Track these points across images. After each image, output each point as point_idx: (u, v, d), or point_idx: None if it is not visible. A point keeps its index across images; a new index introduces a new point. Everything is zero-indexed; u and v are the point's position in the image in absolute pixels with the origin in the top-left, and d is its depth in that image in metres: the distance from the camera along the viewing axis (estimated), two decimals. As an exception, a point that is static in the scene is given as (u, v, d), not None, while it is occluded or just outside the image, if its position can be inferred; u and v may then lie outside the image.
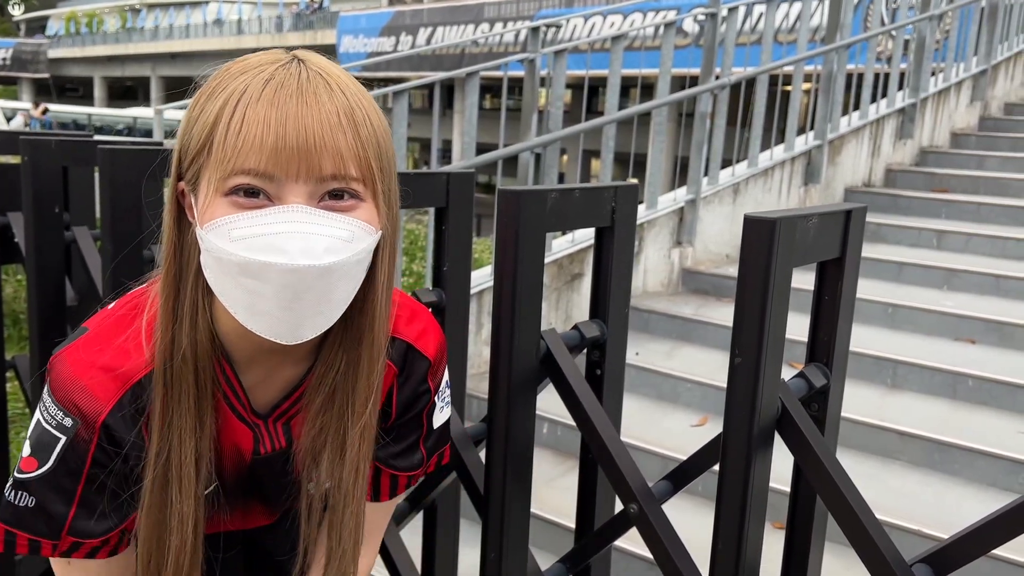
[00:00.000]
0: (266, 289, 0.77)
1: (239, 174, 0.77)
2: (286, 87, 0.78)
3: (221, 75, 0.82)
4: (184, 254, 0.85)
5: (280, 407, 0.94)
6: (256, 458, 0.94)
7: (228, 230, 0.77)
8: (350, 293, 0.83)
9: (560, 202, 1.12)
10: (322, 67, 0.81)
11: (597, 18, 16.50)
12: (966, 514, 2.72)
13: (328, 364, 0.90)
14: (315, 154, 0.77)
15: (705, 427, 3.33)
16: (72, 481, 0.85)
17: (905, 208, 5.24)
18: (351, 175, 0.79)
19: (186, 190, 0.83)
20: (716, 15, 4.49)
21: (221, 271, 0.79)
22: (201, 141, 0.79)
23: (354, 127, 0.79)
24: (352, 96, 0.81)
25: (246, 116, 0.76)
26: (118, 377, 0.85)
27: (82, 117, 25.13)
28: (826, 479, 0.95)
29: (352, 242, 0.79)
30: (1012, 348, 3.64)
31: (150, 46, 36.12)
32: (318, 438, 0.92)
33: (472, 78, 3.66)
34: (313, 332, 0.82)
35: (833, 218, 0.99)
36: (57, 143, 1.77)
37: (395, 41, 23.66)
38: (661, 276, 4.42)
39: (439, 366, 1.03)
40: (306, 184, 0.78)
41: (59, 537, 0.86)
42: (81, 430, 0.84)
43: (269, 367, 0.92)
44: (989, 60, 6.67)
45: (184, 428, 0.85)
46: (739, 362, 0.91)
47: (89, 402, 0.84)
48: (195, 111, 0.81)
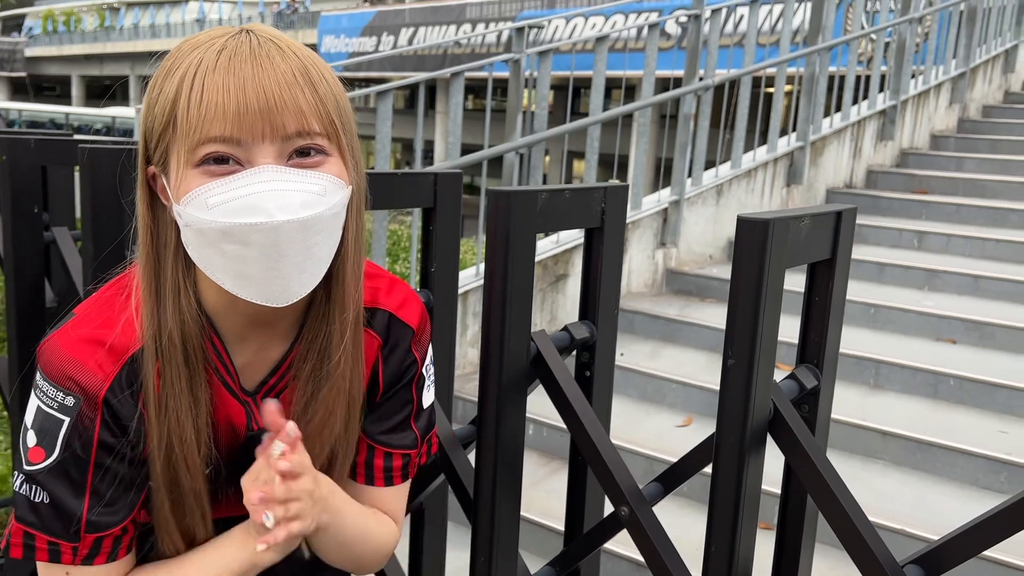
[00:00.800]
0: (250, 252, 0.78)
1: (206, 143, 0.78)
2: (239, 54, 0.79)
3: (174, 54, 0.83)
4: (160, 237, 0.86)
5: (267, 383, 0.95)
6: (250, 434, 0.94)
7: (204, 199, 0.79)
8: (331, 248, 0.84)
9: (550, 203, 1.12)
10: (272, 34, 0.83)
11: (579, 19, 16.53)
12: (947, 513, 2.74)
13: (312, 334, 0.91)
14: (277, 113, 0.79)
15: (690, 427, 3.34)
16: (81, 469, 0.84)
17: (886, 209, 5.28)
18: (315, 130, 0.81)
19: (156, 172, 0.84)
20: (699, 17, 4.50)
21: (203, 242, 0.80)
22: (164, 118, 0.81)
23: (311, 84, 0.81)
24: (305, 57, 0.83)
25: (205, 85, 0.78)
26: (113, 351, 0.85)
27: (59, 116, 24.86)
28: (818, 480, 0.95)
29: (325, 195, 0.81)
30: (992, 348, 3.68)
31: (129, 45, 35.80)
32: (308, 405, 0.92)
33: (457, 78, 3.65)
34: (300, 290, 0.83)
35: (824, 219, 0.99)
36: (36, 142, 1.74)
37: (376, 41, 23.59)
38: (645, 277, 4.43)
39: (423, 335, 1.02)
40: (272, 144, 0.80)
41: (79, 538, 0.84)
42: (84, 407, 0.83)
43: (258, 345, 0.92)
44: (968, 63, 6.74)
45: (180, 408, 0.86)
46: (732, 364, 0.90)
47: (88, 377, 0.83)
48: (154, 92, 0.83)
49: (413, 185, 1.34)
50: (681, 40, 5.74)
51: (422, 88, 3.77)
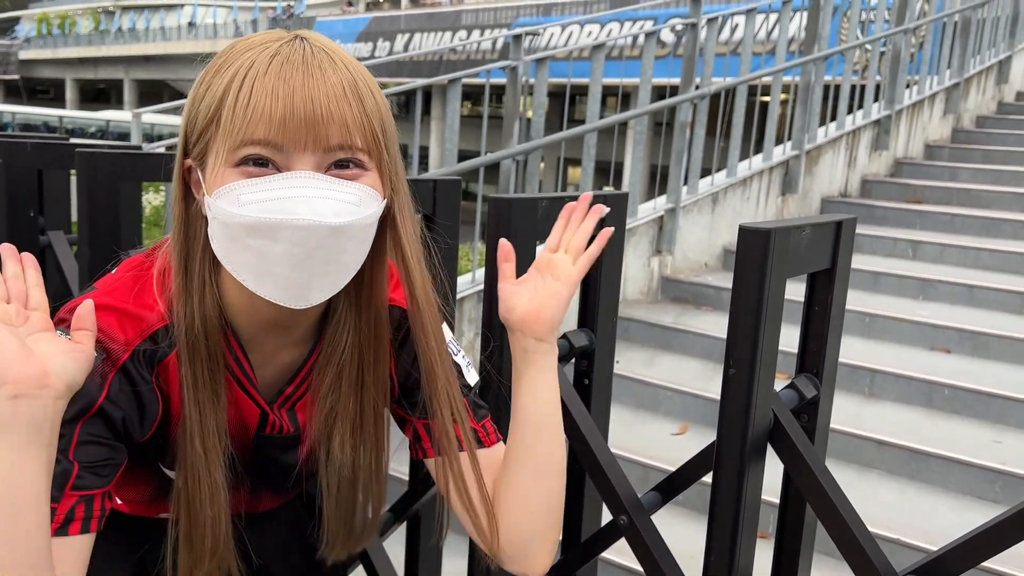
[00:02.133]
0: (275, 248, 0.78)
1: (248, 144, 0.79)
2: (292, 61, 0.80)
3: (226, 53, 0.83)
4: (192, 230, 0.86)
5: (284, 392, 0.95)
6: (261, 436, 0.94)
7: (237, 195, 0.79)
8: (358, 259, 0.84)
9: (551, 210, 1.12)
10: (324, 43, 0.84)
11: (575, 27, 16.58)
12: (942, 522, 2.74)
13: (334, 344, 0.91)
14: (322, 125, 0.79)
15: (685, 435, 3.34)
16: (70, 426, 0.81)
17: (881, 218, 5.30)
18: (357, 145, 0.81)
19: (193, 166, 0.85)
20: (696, 25, 4.52)
21: (228, 236, 0.80)
22: (209, 115, 0.81)
23: (359, 99, 0.81)
24: (355, 71, 0.83)
25: (254, 88, 0.78)
26: (139, 323, 0.85)
27: (53, 119, 24.80)
28: (818, 490, 0.95)
29: (360, 206, 0.81)
30: (987, 357, 3.68)
31: (123, 48, 35.76)
32: (329, 416, 0.93)
33: (454, 85, 3.65)
34: (321, 295, 0.83)
35: (824, 229, 0.99)
36: (33, 145, 1.74)
37: (372, 47, 23.62)
38: (641, 284, 4.43)
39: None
40: (313, 154, 0.80)
41: (60, 498, 0.80)
42: (101, 366, 0.82)
43: (273, 347, 0.92)
44: (962, 74, 6.78)
45: (204, 400, 0.86)
46: (733, 374, 0.90)
47: (112, 340, 0.84)
48: (201, 88, 0.83)
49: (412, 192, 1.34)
50: (677, 48, 5.75)
51: (419, 94, 3.77)
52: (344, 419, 0.93)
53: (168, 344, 0.86)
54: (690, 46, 4.57)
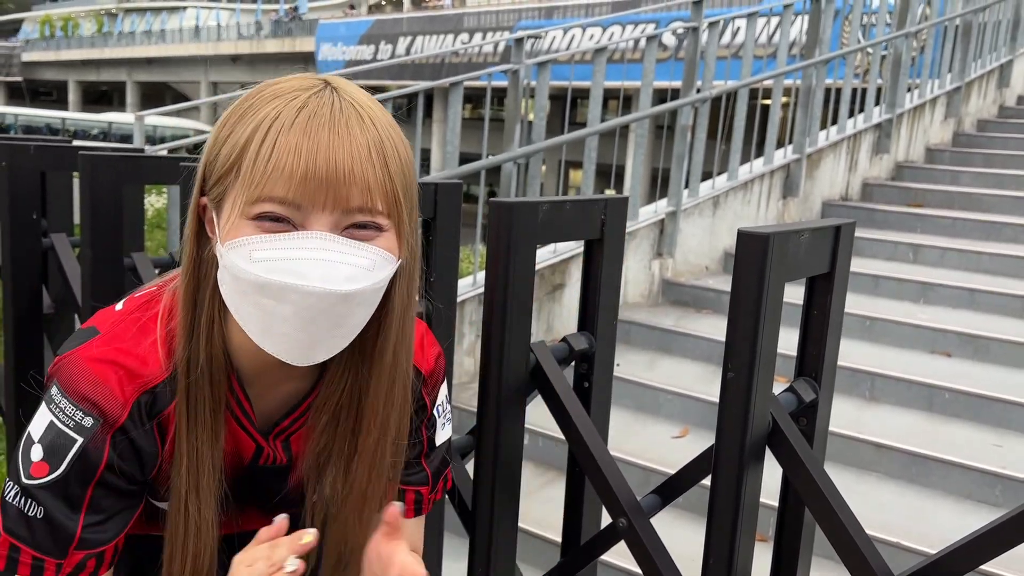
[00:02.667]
0: (283, 310, 0.77)
1: (266, 201, 0.77)
2: (319, 116, 0.78)
3: (253, 97, 0.82)
4: (202, 268, 0.85)
5: (280, 424, 0.94)
6: (254, 467, 0.94)
7: (249, 251, 0.77)
8: (365, 319, 0.83)
9: (551, 214, 1.12)
10: (354, 97, 0.81)
11: (576, 30, 16.60)
12: (943, 526, 2.74)
13: (333, 385, 0.90)
14: (344, 186, 0.77)
15: (686, 439, 3.34)
16: (82, 488, 0.83)
17: (881, 222, 5.30)
18: (377, 208, 0.80)
19: (208, 205, 0.83)
20: (697, 29, 4.53)
21: (237, 289, 0.80)
22: (230, 162, 0.79)
23: (383, 161, 0.79)
24: (383, 129, 0.81)
25: (277, 143, 0.77)
26: (136, 379, 0.84)
27: (56, 121, 24.83)
28: (816, 493, 0.95)
29: (373, 271, 0.80)
30: (987, 361, 3.68)
31: (126, 51, 35.81)
32: (322, 455, 0.92)
33: (456, 88, 3.65)
34: (327, 354, 0.82)
35: (823, 233, 1.00)
36: (36, 148, 1.74)
37: (374, 50, 23.64)
38: (641, 287, 4.44)
39: (435, 379, 1.02)
40: (331, 215, 0.78)
41: (65, 555, 0.83)
42: (99, 431, 0.82)
43: (273, 381, 0.92)
44: (963, 77, 6.78)
45: (202, 440, 0.86)
46: (732, 377, 0.91)
47: (109, 401, 0.83)
48: (224, 131, 0.81)
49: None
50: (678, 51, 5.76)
51: (420, 97, 3.78)
52: (338, 459, 0.92)
53: (169, 394, 0.85)
54: (691, 49, 4.58)
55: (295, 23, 30.21)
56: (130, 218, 1.60)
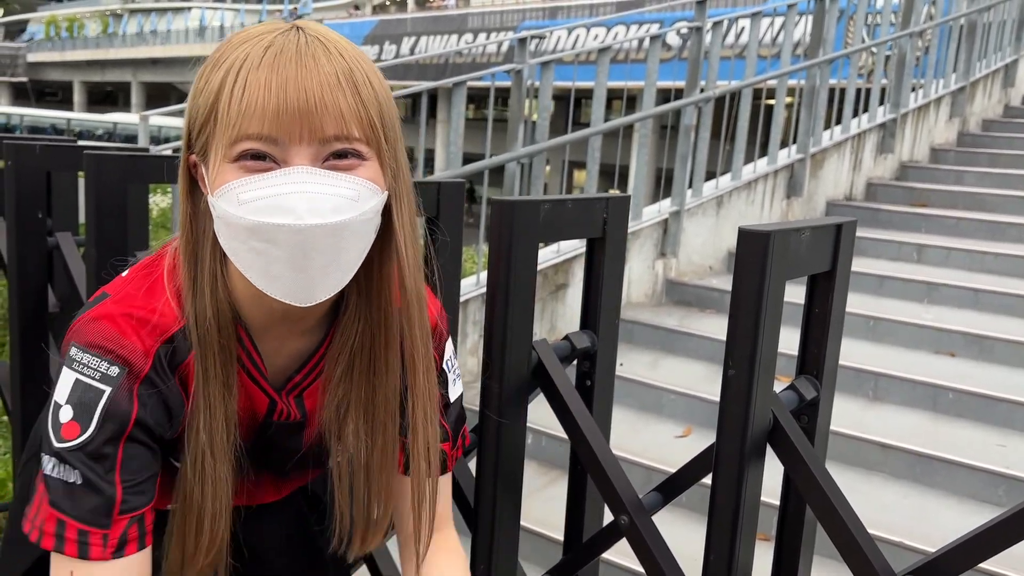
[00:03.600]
0: (276, 251, 0.78)
1: (243, 139, 0.78)
2: (285, 52, 0.79)
3: (224, 46, 0.83)
4: (199, 224, 0.86)
5: (293, 379, 0.95)
6: (269, 422, 0.95)
7: (236, 194, 0.79)
8: (361, 252, 0.84)
9: (552, 213, 1.13)
10: (320, 32, 0.83)
11: (581, 30, 16.60)
12: (946, 526, 2.74)
13: (346, 334, 0.91)
14: (316, 115, 0.78)
15: (689, 438, 3.34)
16: (113, 445, 0.82)
17: (886, 222, 5.29)
18: (353, 135, 0.80)
19: (197, 161, 0.85)
20: (701, 28, 4.52)
21: (232, 236, 0.81)
22: (207, 111, 0.81)
23: (354, 87, 0.80)
24: (351, 59, 0.82)
25: (247, 81, 0.78)
26: (156, 328, 0.85)
27: (61, 122, 24.90)
28: (817, 491, 0.95)
29: (358, 200, 0.81)
30: (991, 361, 3.68)
31: (131, 51, 35.89)
32: (341, 405, 0.93)
33: (459, 88, 3.66)
34: (326, 293, 0.83)
35: (824, 232, 1.00)
36: (42, 147, 1.75)
37: (379, 50, 23.66)
38: (645, 287, 4.44)
39: (439, 337, 1.03)
40: (309, 146, 0.79)
41: (110, 522, 0.82)
42: (126, 379, 0.83)
43: (283, 336, 0.92)
44: (968, 77, 6.77)
45: (214, 394, 0.86)
46: (732, 375, 0.91)
47: (132, 350, 0.83)
48: (200, 82, 0.83)
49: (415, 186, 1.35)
50: (682, 51, 5.76)
51: (424, 97, 3.78)
52: (356, 408, 0.93)
53: (186, 345, 0.86)
54: (695, 49, 4.58)
55: (299, 24, 30.19)
56: (135, 217, 1.60)
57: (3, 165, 1.77)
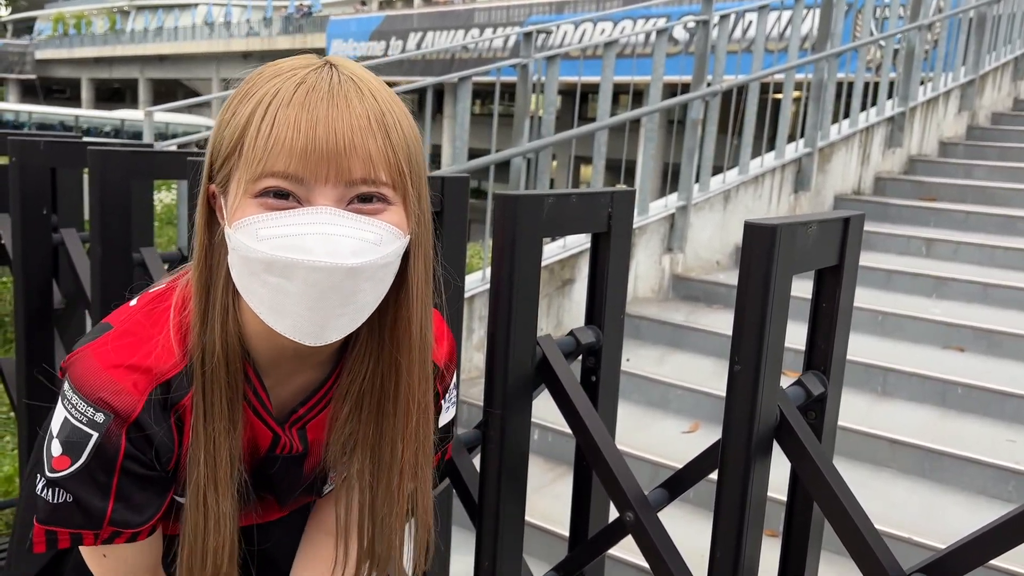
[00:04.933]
0: (291, 287, 0.77)
1: (268, 176, 0.77)
2: (317, 90, 0.77)
3: (254, 78, 0.82)
4: (214, 256, 0.85)
5: (296, 412, 0.94)
6: (270, 456, 0.94)
7: (256, 229, 0.77)
8: (377, 297, 0.83)
9: (557, 207, 1.12)
10: (354, 72, 0.81)
11: (587, 25, 16.55)
12: (956, 522, 2.72)
13: (354, 372, 0.90)
14: (345, 158, 0.77)
15: (696, 434, 3.33)
16: (107, 475, 0.84)
17: (894, 216, 5.26)
18: (381, 179, 0.79)
19: (216, 192, 0.83)
20: (708, 22, 4.50)
21: (246, 270, 0.79)
22: (232, 143, 0.80)
23: (384, 131, 0.79)
24: (383, 101, 0.80)
25: (276, 118, 0.77)
26: (148, 373, 0.84)
27: (69, 119, 24.98)
28: (824, 487, 0.94)
29: (380, 245, 0.79)
30: (1001, 356, 3.66)
31: (138, 48, 35.97)
32: (347, 444, 0.92)
33: (464, 83, 3.65)
34: (338, 334, 0.81)
35: (831, 226, 0.99)
36: (46, 144, 1.75)
37: (385, 46, 23.65)
38: (652, 282, 4.42)
39: (448, 372, 1.03)
40: (335, 188, 0.78)
41: (101, 527, 0.85)
42: (112, 426, 0.83)
43: (290, 371, 0.92)
44: (977, 70, 6.72)
45: (219, 430, 0.85)
46: (738, 370, 0.90)
47: (120, 398, 0.83)
48: (227, 114, 0.82)
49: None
50: (689, 45, 5.74)
51: (430, 92, 3.77)
52: (364, 447, 0.92)
53: (185, 384, 0.85)
54: (702, 43, 4.56)
55: (306, 19, 30.25)
56: (139, 213, 1.60)
57: (8, 162, 1.76)
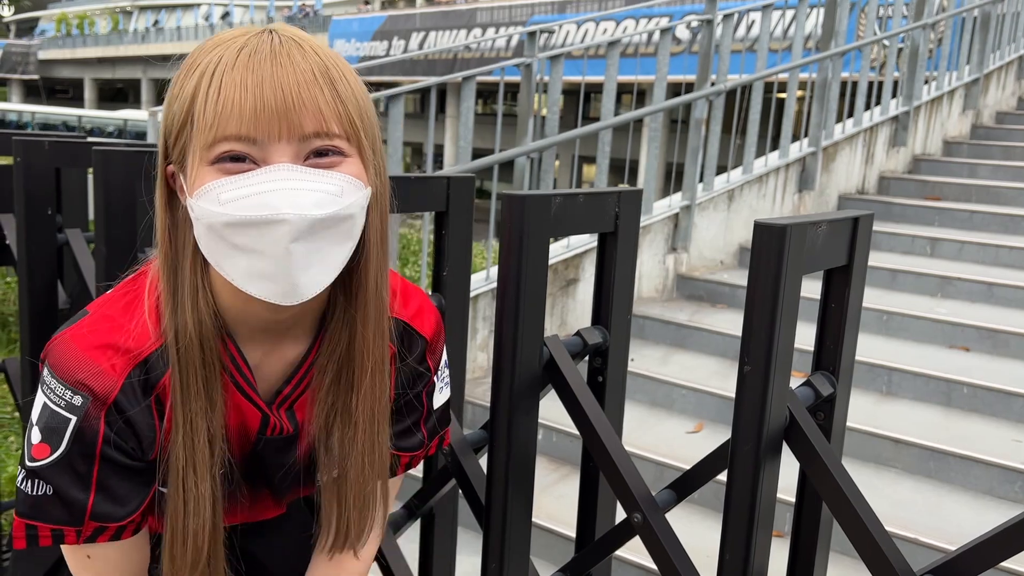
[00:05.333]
0: (260, 246, 0.77)
1: (222, 141, 0.77)
2: (259, 52, 0.78)
3: (196, 52, 0.82)
4: (178, 235, 0.85)
5: (282, 392, 0.94)
6: (261, 438, 0.94)
7: (217, 194, 0.77)
8: (345, 250, 0.82)
9: (564, 207, 1.11)
10: (294, 33, 0.82)
11: (590, 24, 16.54)
12: (961, 522, 2.72)
13: (333, 341, 0.90)
14: (295, 113, 0.77)
15: (700, 434, 3.32)
16: (87, 463, 0.83)
17: (899, 215, 5.25)
18: (333, 132, 0.79)
19: (175, 170, 0.83)
20: (712, 21, 4.50)
21: (213, 237, 0.79)
22: (183, 116, 0.80)
23: (331, 84, 0.80)
24: (326, 56, 0.81)
25: (223, 83, 0.77)
26: (126, 353, 0.84)
27: (72, 119, 25.01)
28: (834, 488, 0.94)
29: (341, 196, 0.79)
30: (1006, 356, 3.65)
31: (141, 48, 35.99)
32: (330, 414, 0.92)
33: (468, 82, 3.65)
34: (311, 291, 0.81)
35: (840, 226, 0.98)
36: (50, 144, 1.75)
37: (387, 45, 23.65)
38: (656, 282, 4.42)
39: (437, 345, 1.02)
40: (289, 144, 0.78)
41: (82, 523, 0.84)
42: (91, 408, 0.82)
43: (270, 346, 0.91)
44: (981, 69, 6.71)
45: (195, 410, 0.85)
46: (748, 371, 0.89)
47: (99, 379, 0.83)
48: (175, 90, 0.82)
49: (425, 189, 1.33)
50: (692, 45, 5.73)
51: (433, 92, 3.77)
52: (345, 416, 0.91)
53: (163, 364, 0.85)
54: (705, 43, 4.55)
55: (308, 19, 30.27)
56: (144, 213, 1.60)
57: (13, 162, 1.76)
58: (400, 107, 3.47)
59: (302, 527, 1.14)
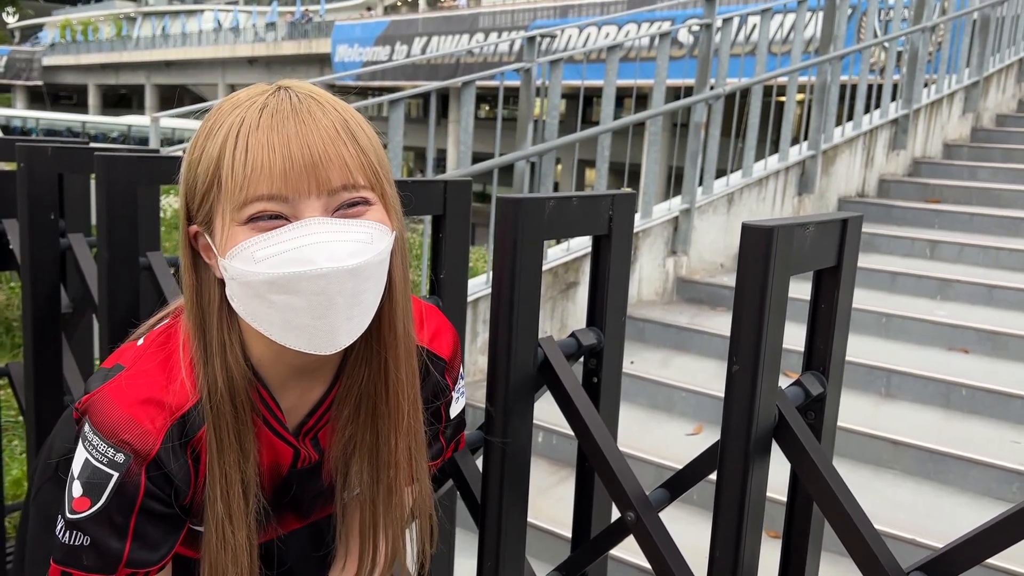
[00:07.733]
0: (298, 301, 0.79)
1: (254, 201, 0.79)
2: (281, 111, 0.80)
3: (214, 115, 0.84)
4: (204, 295, 0.86)
5: (306, 424, 0.96)
6: (293, 471, 0.96)
7: (251, 253, 0.79)
8: (377, 294, 0.85)
9: (558, 210, 1.13)
10: (308, 90, 0.84)
11: (592, 29, 16.57)
12: (960, 523, 2.72)
13: (353, 378, 0.92)
14: (323, 168, 0.79)
15: (700, 436, 3.33)
16: (125, 516, 0.85)
17: (898, 218, 5.26)
18: (359, 183, 0.82)
19: (199, 232, 0.85)
20: (711, 26, 4.51)
21: (249, 294, 0.81)
22: (208, 178, 0.81)
23: (352, 137, 0.82)
24: (343, 110, 0.84)
25: (249, 144, 0.79)
26: (166, 409, 0.86)
27: (76, 125, 25.07)
28: (823, 487, 0.95)
29: (372, 243, 0.82)
30: (1005, 358, 3.65)
31: (145, 54, 36.10)
32: (348, 446, 0.94)
33: (468, 87, 3.66)
34: (348, 338, 0.83)
35: (829, 227, 0.99)
36: (53, 150, 1.76)
37: (390, 50, 23.71)
38: (656, 285, 4.43)
39: (454, 363, 1.06)
40: (319, 199, 0.80)
41: (116, 570, 0.86)
42: (133, 465, 0.84)
43: (301, 389, 0.93)
44: (981, 72, 6.71)
45: (230, 463, 0.87)
46: (736, 371, 0.91)
47: (141, 437, 0.84)
48: (196, 152, 0.83)
49: (423, 193, 1.35)
50: (693, 49, 5.75)
51: (434, 97, 3.79)
52: (361, 448, 0.94)
53: (199, 419, 0.87)
54: (704, 47, 4.56)
55: (311, 25, 30.33)
56: (146, 218, 1.61)
57: (16, 167, 1.78)
58: (400, 112, 3.49)
59: (320, 534, 1.16)
